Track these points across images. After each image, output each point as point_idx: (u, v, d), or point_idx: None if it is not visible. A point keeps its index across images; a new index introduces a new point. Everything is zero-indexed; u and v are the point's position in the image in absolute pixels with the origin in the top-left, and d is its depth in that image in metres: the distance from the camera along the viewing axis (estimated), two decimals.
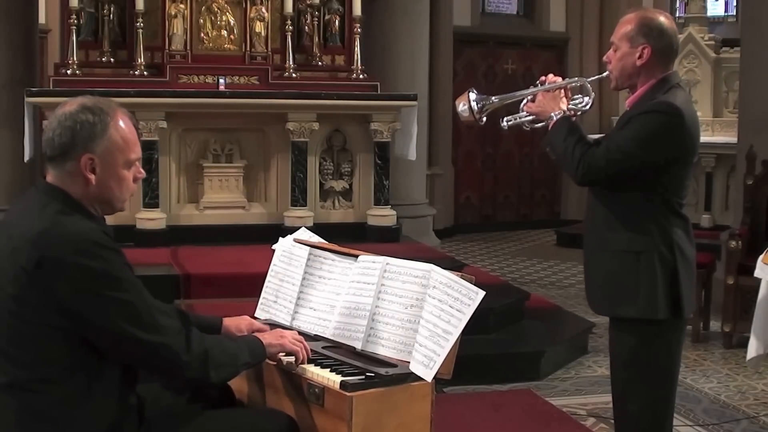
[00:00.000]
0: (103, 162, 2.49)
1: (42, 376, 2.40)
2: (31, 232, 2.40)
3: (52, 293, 2.36)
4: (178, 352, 2.49)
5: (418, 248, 7.26)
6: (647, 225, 3.20)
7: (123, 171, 2.53)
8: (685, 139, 3.20)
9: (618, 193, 3.24)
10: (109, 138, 2.48)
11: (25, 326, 2.39)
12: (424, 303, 2.79)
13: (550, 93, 3.39)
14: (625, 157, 3.16)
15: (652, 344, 3.26)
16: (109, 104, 2.54)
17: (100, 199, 2.53)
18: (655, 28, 3.25)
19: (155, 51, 7.37)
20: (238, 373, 2.76)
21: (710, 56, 10.83)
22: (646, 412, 3.30)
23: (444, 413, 4.18)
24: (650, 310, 3.20)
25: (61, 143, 2.47)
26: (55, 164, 2.50)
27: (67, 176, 2.49)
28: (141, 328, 2.44)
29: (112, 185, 2.52)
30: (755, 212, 6.92)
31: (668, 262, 3.21)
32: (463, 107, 3.40)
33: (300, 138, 7.00)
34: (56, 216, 2.43)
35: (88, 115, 2.48)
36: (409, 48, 9.31)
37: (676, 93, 3.24)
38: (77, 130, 2.46)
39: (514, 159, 12.62)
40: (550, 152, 3.41)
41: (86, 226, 2.44)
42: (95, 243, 2.40)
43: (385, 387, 2.65)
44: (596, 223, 3.34)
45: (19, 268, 2.38)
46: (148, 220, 6.76)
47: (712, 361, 6.21)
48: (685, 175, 3.28)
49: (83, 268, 2.37)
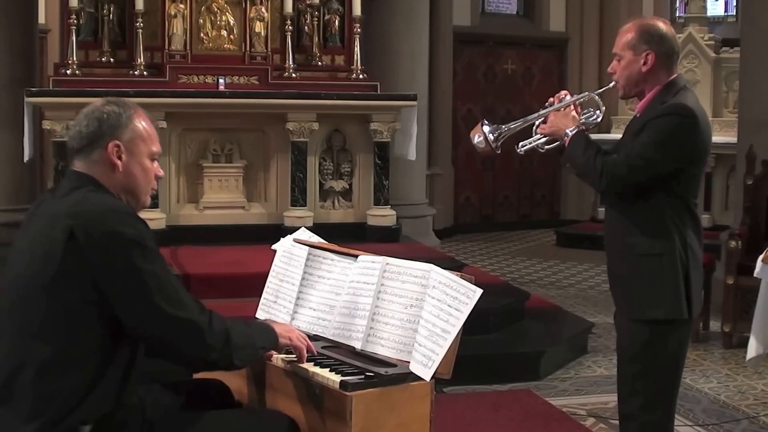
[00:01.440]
0: (128, 150, 2.61)
1: (66, 354, 2.42)
2: (62, 208, 2.49)
3: (85, 263, 2.42)
4: (203, 330, 2.52)
5: (417, 248, 7.26)
6: (666, 227, 3.26)
7: (147, 161, 2.66)
8: (700, 139, 3.26)
9: (636, 197, 3.28)
10: (134, 128, 2.62)
11: (57, 301, 2.42)
12: (423, 303, 2.79)
13: (561, 111, 3.43)
14: (646, 163, 3.21)
15: (662, 341, 3.31)
16: (131, 102, 2.70)
17: (126, 187, 2.63)
18: (655, 33, 3.31)
19: (155, 51, 7.37)
20: (256, 357, 2.78)
21: (710, 56, 10.84)
22: (650, 408, 3.35)
23: (444, 413, 4.19)
24: (677, 310, 3.27)
25: (89, 133, 2.59)
26: (82, 155, 2.60)
27: (95, 165, 2.59)
28: (168, 302, 2.48)
29: (137, 173, 2.63)
30: (755, 212, 6.92)
31: (684, 262, 3.28)
32: (478, 139, 3.45)
33: (300, 138, 7.01)
34: (86, 194, 2.53)
35: (113, 107, 2.62)
36: (409, 48, 9.31)
37: (686, 95, 3.30)
38: (104, 119, 2.60)
39: (514, 159, 12.58)
40: (571, 168, 3.47)
41: (116, 199, 2.57)
42: (126, 212, 2.51)
43: (385, 387, 2.66)
44: (616, 228, 3.39)
45: (52, 241, 2.44)
46: (148, 220, 6.66)
47: (711, 361, 6.21)
48: (699, 176, 3.35)
49: (114, 234, 2.44)
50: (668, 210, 3.26)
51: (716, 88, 10.86)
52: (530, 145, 3.50)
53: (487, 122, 3.46)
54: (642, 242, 3.27)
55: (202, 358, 2.59)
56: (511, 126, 3.44)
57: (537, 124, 3.49)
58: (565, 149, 3.39)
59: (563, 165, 3.55)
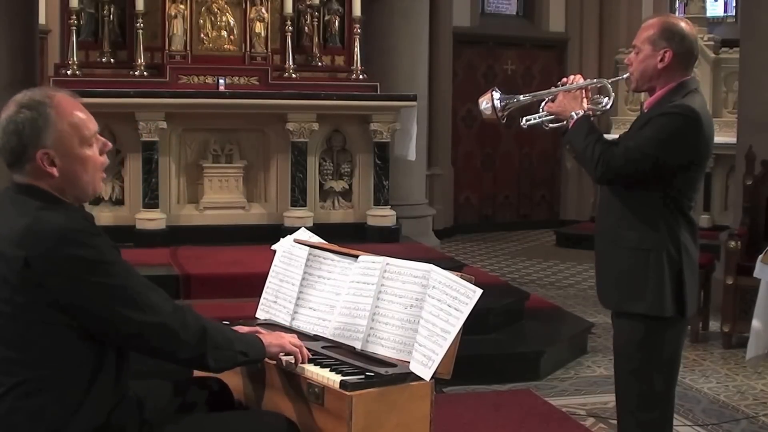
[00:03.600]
0: (58, 151, 2.45)
1: (45, 374, 2.40)
2: (12, 233, 2.38)
3: (46, 290, 2.36)
4: (176, 330, 2.49)
5: (417, 248, 7.27)
6: (657, 224, 3.28)
7: (84, 151, 2.49)
8: (701, 142, 3.28)
9: (632, 191, 3.30)
10: (55, 127, 2.44)
11: (21, 327, 2.39)
12: (423, 303, 2.79)
13: (571, 93, 3.45)
14: (643, 157, 3.23)
15: (655, 340, 3.33)
16: (44, 93, 2.50)
17: (71, 185, 2.49)
18: (677, 33, 3.32)
19: (155, 51, 7.36)
20: (236, 364, 2.74)
21: (709, 56, 10.84)
22: (647, 407, 3.36)
23: (444, 413, 4.19)
24: (658, 307, 3.29)
25: (11, 149, 2.44)
26: (16, 169, 2.48)
27: (31, 176, 2.47)
28: (137, 310, 2.44)
29: (77, 169, 2.48)
30: (754, 212, 6.92)
31: (675, 261, 3.29)
32: (486, 105, 3.44)
33: (300, 138, 7.01)
34: (36, 212, 2.41)
35: (25, 113, 2.44)
36: (409, 48, 9.31)
37: (694, 97, 3.32)
38: (21, 131, 2.43)
39: (514, 159, 12.63)
40: (569, 150, 3.48)
41: (67, 216, 2.43)
42: (80, 231, 2.39)
43: (385, 386, 2.66)
44: (609, 220, 3.41)
45: (7, 270, 2.37)
46: (148, 221, 6.77)
47: (711, 361, 6.22)
48: (698, 178, 3.36)
49: (72, 258, 2.36)
50: (661, 208, 3.27)
51: (716, 88, 10.87)
52: (534, 121, 3.50)
53: (498, 89, 3.47)
54: (631, 236, 3.30)
55: (177, 357, 2.56)
56: (521, 99, 3.45)
57: (545, 101, 3.50)
58: (568, 131, 3.41)
59: (563, 146, 3.56)
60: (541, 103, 3.51)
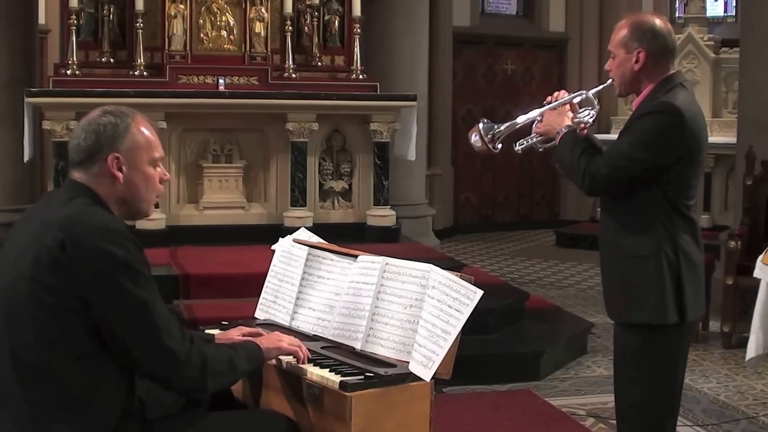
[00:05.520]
0: (128, 160, 2.58)
1: (55, 364, 2.41)
2: (57, 217, 2.46)
3: (73, 277, 2.40)
4: (180, 362, 2.50)
5: (417, 248, 7.26)
6: (653, 228, 3.20)
7: (149, 169, 2.64)
8: (687, 138, 3.18)
9: (626, 197, 3.24)
10: (133, 137, 2.60)
11: (41, 309, 2.41)
12: (423, 303, 2.79)
13: (556, 110, 3.42)
14: (629, 163, 3.17)
15: (656, 346, 3.26)
16: (130, 109, 2.67)
17: (128, 197, 2.60)
18: (647, 30, 3.25)
19: (155, 51, 7.37)
20: (236, 382, 2.81)
21: (709, 56, 10.84)
22: (646, 413, 3.30)
23: (443, 413, 4.19)
24: (660, 314, 3.21)
25: (87, 146, 2.57)
26: (82, 168, 2.58)
27: (95, 177, 2.57)
28: (150, 329, 2.46)
29: (139, 183, 2.61)
30: (754, 212, 6.92)
31: (674, 266, 3.21)
32: (475, 138, 3.46)
33: (299, 138, 7.01)
34: (83, 206, 2.50)
35: (110, 117, 2.59)
36: (409, 48, 9.31)
37: (677, 93, 3.23)
38: (101, 132, 2.57)
39: (514, 159, 12.58)
40: (559, 168, 3.45)
41: (114, 218, 2.54)
42: (120, 232, 2.47)
43: (385, 387, 2.66)
44: (607, 228, 3.35)
45: (43, 249, 2.42)
46: (148, 221, 6.73)
47: (711, 362, 6.22)
48: (690, 176, 3.26)
49: (105, 253, 2.41)
50: (657, 212, 3.20)
51: (716, 88, 10.86)
52: (527, 144, 3.49)
53: (485, 120, 3.46)
54: (629, 243, 3.23)
55: (171, 385, 2.59)
56: (503, 127, 3.42)
57: (534, 123, 3.47)
58: (556, 148, 3.38)
59: (555, 164, 3.54)
60: (532, 125, 3.48)
